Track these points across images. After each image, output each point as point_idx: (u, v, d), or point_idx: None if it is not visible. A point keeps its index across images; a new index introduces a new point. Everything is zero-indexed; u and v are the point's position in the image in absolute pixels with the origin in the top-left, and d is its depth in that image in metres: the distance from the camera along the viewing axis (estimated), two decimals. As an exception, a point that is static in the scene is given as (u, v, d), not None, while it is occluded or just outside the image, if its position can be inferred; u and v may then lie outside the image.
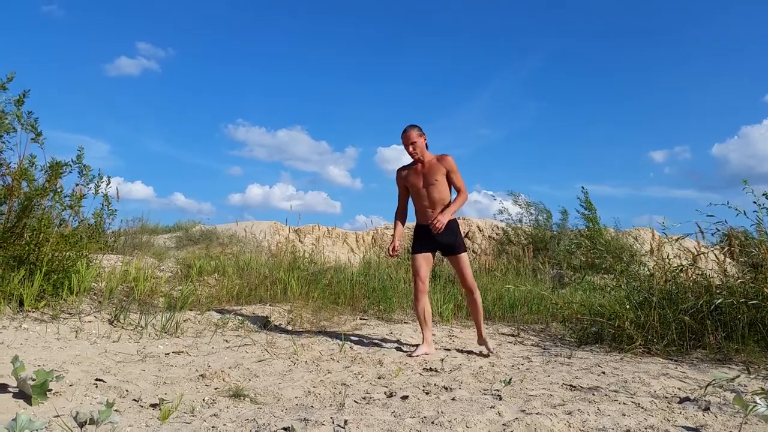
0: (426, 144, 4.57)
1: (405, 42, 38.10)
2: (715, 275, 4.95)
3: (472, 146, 36.15)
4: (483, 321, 4.68)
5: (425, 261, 4.53)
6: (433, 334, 5.24)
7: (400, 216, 4.78)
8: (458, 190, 4.52)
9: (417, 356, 4.23)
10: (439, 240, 4.47)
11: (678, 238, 5.65)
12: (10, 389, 2.53)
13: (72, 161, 4.78)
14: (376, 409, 2.63)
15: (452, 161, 4.49)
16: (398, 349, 4.53)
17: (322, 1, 38.23)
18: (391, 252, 4.61)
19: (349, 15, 37.85)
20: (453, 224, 4.51)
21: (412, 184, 4.56)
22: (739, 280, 4.77)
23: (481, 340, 4.65)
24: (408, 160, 4.61)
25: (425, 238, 4.53)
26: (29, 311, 4.19)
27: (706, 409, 2.62)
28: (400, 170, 4.68)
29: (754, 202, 4.99)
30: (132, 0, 34.41)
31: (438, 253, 4.60)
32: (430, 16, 37.85)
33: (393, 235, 4.71)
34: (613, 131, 35.42)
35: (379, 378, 3.49)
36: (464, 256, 4.52)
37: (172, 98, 35.03)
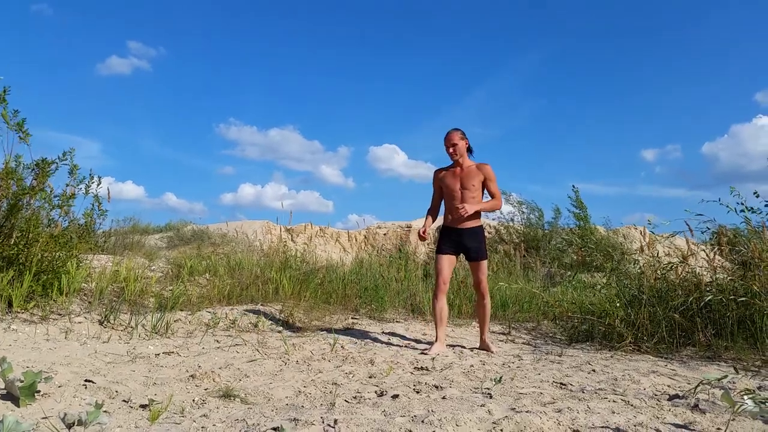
0: (469, 149, 4.71)
1: (399, 41, 38.15)
2: (705, 273, 4.98)
3: (465, 145, 36.09)
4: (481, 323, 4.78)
5: (448, 262, 4.64)
6: (424, 334, 5.26)
7: (432, 212, 4.88)
8: (493, 197, 4.66)
9: (431, 355, 4.27)
10: (465, 243, 4.59)
11: (668, 237, 5.68)
12: (-3, 391, 2.51)
13: (59, 158, 4.75)
14: (367, 409, 2.63)
15: (491, 170, 4.65)
16: (390, 348, 4.53)
17: (315, 0, 38.15)
18: (421, 234, 4.65)
19: (343, 14, 37.85)
20: (480, 231, 4.64)
21: (447, 185, 4.68)
22: (728, 278, 4.80)
23: (484, 345, 4.71)
24: (438, 163, 4.70)
25: (451, 240, 4.64)
26: (18, 312, 4.16)
27: (695, 406, 2.63)
28: (437, 171, 4.82)
29: (741, 203, 5.04)
30: (122, -1, 34.19)
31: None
32: (425, 16, 37.92)
33: (424, 223, 4.81)
34: (605, 130, 35.59)
35: (370, 377, 3.49)
36: (484, 264, 4.66)
37: (163, 97, 34.94)
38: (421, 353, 4.34)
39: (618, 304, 4.95)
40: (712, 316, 4.59)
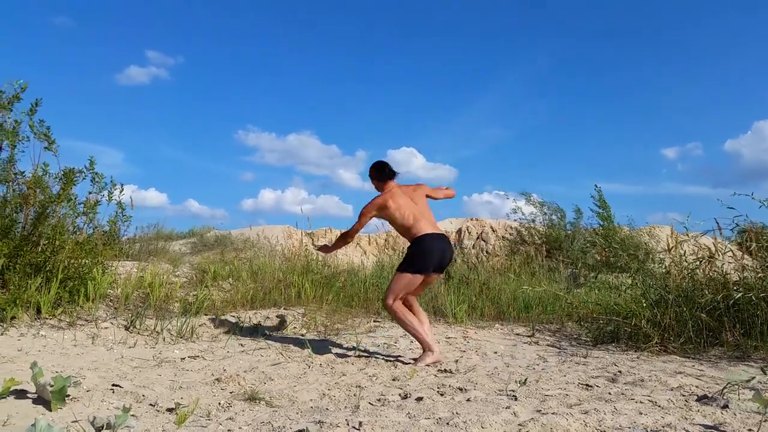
0: (376, 185, 4.59)
1: (413, 43, 38.08)
2: (733, 271, 4.89)
3: (482, 146, 36.03)
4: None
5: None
6: (447, 336, 5.22)
7: None
8: None
9: (430, 363, 4.01)
10: None
11: (695, 235, 5.59)
12: (29, 395, 2.56)
13: (85, 168, 4.83)
14: (391, 411, 2.62)
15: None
16: (412, 350, 4.52)
17: (328, 4, 38.30)
18: None
19: (356, 17, 37.91)
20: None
21: None
22: (759, 274, 4.70)
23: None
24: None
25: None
26: (46, 318, 4.23)
27: (725, 406, 2.59)
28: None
29: None
30: (140, 9, 34.65)
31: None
32: (438, 17, 37.81)
33: None
34: (624, 129, 35.17)
35: (393, 380, 3.49)
36: (397, 275, 4.21)
37: (183, 105, 35.31)
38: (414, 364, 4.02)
39: (644, 305, 4.88)
40: (741, 316, 4.50)
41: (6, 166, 4.61)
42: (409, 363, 4.02)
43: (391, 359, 4.13)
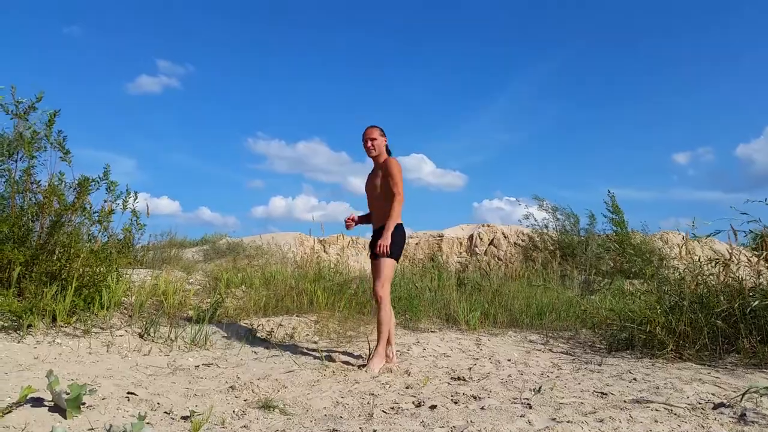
0: (380, 145, 4.38)
1: (421, 49, 38.02)
2: (748, 278, 4.84)
3: (493, 151, 35.90)
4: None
5: None
6: (460, 344, 5.21)
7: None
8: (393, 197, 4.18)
9: (375, 372, 3.92)
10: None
11: (708, 236, 5.52)
12: (45, 403, 2.58)
13: (99, 177, 4.88)
14: (405, 419, 2.62)
15: (392, 165, 4.22)
16: (425, 358, 4.51)
17: (336, 11, 38.39)
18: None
19: (363, 22, 37.92)
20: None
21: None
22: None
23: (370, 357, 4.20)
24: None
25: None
26: (62, 326, 4.27)
27: (742, 415, 2.56)
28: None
29: None
30: (150, 18, 34.91)
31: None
32: (446, 22, 37.79)
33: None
34: (634, 134, 34.88)
35: (407, 387, 3.49)
36: (388, 262, 4.14)
37: (194, 114, 35.48)
38: (363, 368, 4.01)
39: (659, 311, 4.84)
40: (757, 322, 4.45)
41: (23, 176, 4.67)
42: (423, 369, 4.01)
43: (404, 367, 4.12)
